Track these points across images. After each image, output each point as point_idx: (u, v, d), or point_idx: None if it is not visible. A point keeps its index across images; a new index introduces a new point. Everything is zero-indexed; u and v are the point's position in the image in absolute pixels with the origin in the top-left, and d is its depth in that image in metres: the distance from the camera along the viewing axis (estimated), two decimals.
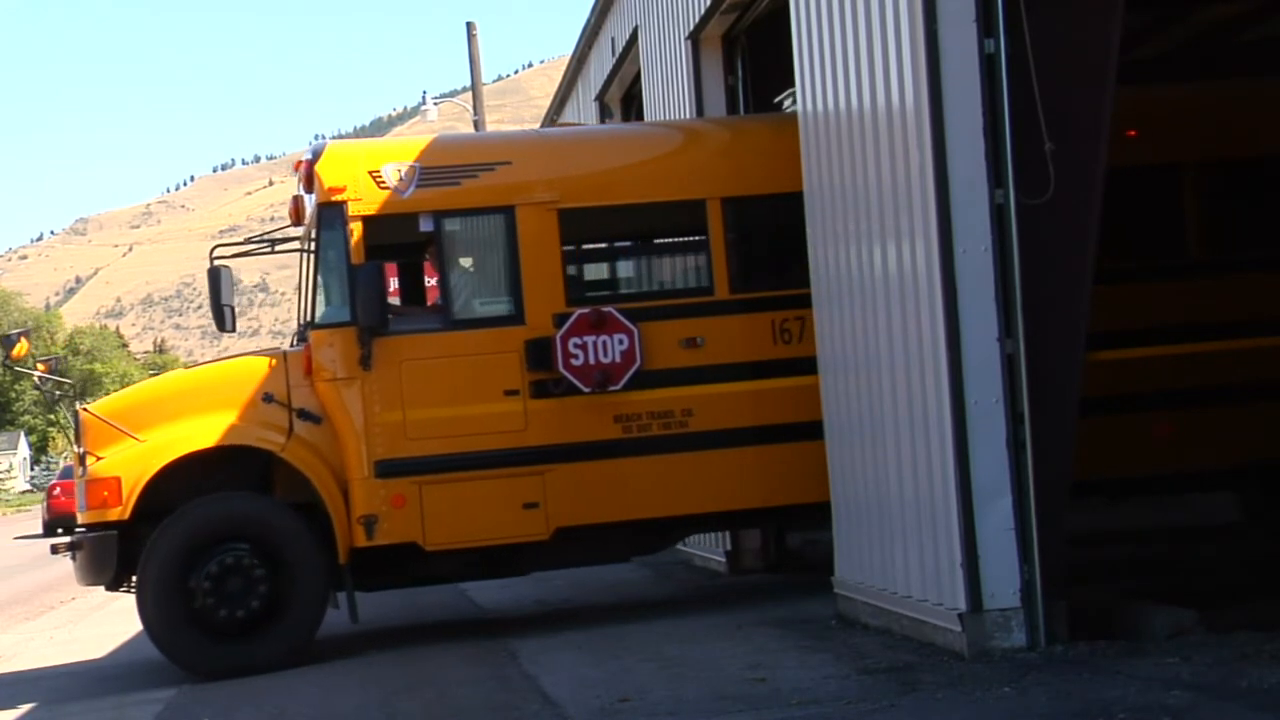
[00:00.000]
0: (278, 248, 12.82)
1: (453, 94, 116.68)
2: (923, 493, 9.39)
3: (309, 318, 11.84)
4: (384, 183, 11.54)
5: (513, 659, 10.58)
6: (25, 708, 11.00)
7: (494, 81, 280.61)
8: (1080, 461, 9.32)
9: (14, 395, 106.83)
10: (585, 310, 11.55)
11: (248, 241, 12.87)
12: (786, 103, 13.22)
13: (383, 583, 12.07)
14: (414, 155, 11.72)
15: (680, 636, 10.78)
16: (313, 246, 11.81)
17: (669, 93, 15.65)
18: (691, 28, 14.65)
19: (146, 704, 10.45)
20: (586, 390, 11.50)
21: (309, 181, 11.75)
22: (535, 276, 11.59)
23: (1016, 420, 8.95)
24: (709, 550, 14.93)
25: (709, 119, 14.41)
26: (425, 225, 11.64)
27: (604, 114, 20.72)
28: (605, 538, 11.87)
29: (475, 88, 36.42)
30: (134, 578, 11.31)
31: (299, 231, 12.61)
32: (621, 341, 11.53)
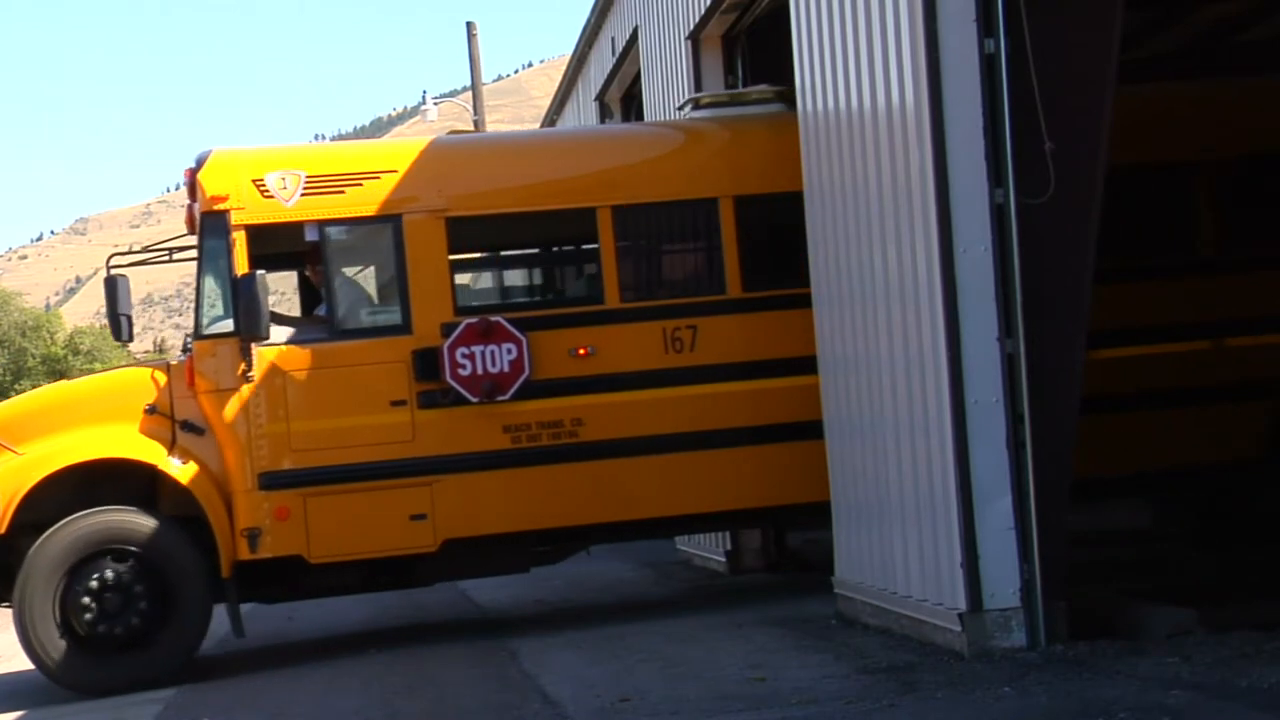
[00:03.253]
0: (175, 256, 12.56)
1: (453, 94, 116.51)
2: (923, 492, 9.40)
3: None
4: (268, 191, 11.43)
5: (513, 659, 10.57)
6: (26, 708, 11.00)
7: (494, 81, 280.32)
8: None
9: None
10: (473, 320, 11.44)
11: (145, 250, 12.72)
12: (687, 109, 13.14)
13: (270, 595, 11.95)
14: (299, 163, 11.62)
15: (680, 636, 10.78)
16: (196, 256, 11.64)
17: (669, 93, 15.64)
18: (691, 28, 14.65)
19: (146, 704, 10.45)
20: (474, 400, 11.39)
21: (192, 190, 11.60)
22: (422, 286, 11.49)
23: (1016, 420, 8.95)
24: (709, 550, 14.92)
25: (602, 126, 14.38)
26: (310, 234, 11.52)
27: (604, 114, 20.73)
28: (498, 549, 11.75)
29: (475, 88, 36.46)
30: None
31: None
32: (510, 351, 11.42)
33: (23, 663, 13.92)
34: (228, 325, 11.29)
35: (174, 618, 11.06)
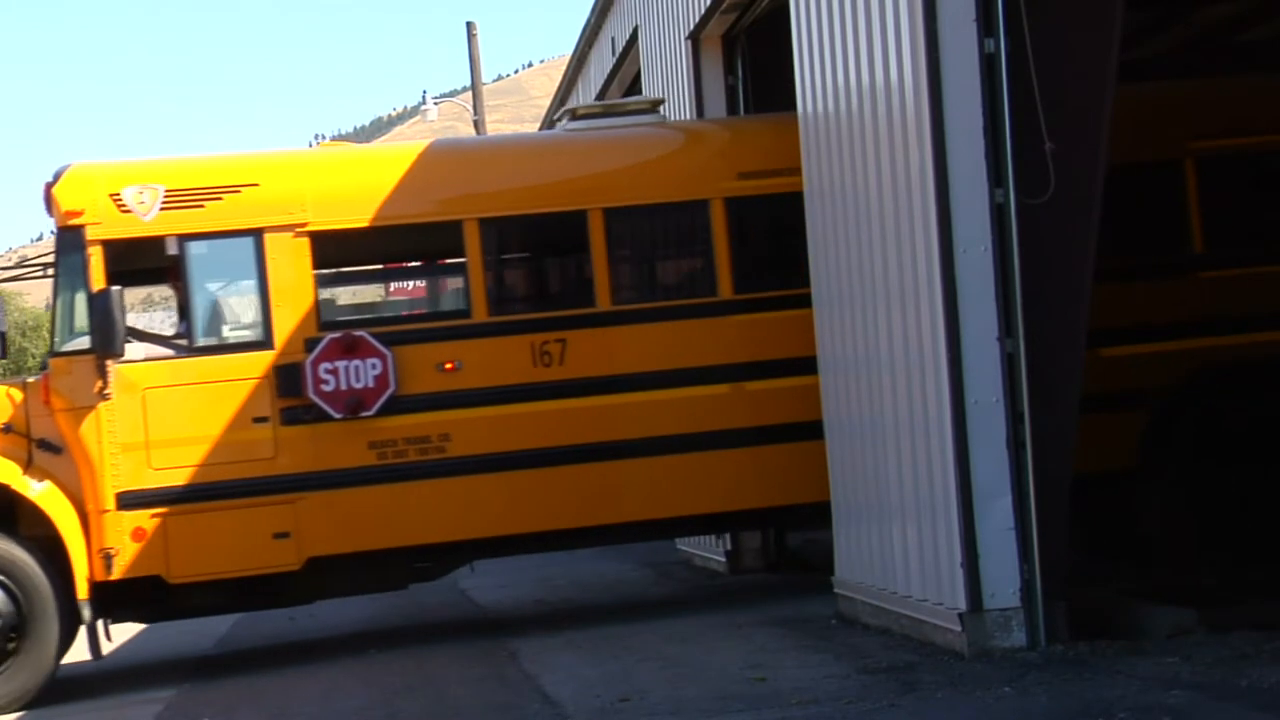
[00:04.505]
0: (49, 271, 12.21)
1: (453, 94, 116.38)
2: (923, 492, 9.40)
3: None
4: (125, 206, 11.31)
5: (513, 659, 10.58)
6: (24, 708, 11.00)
7: (494, 81, 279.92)
8: None
9: None
10: (337, 335, 11.36)
11: (19, 266, 12.64)
12: (563, 121, 13.08)
13: (135, 616, 11.81)
14: (158, 177, 11.50)
15: (680, 636, 10.78)
16: (53, 272, 11.50)
17: (669, 93, 15.64)
18: (691, 28, 14.65)
19: (146, 704, 10.45)
20: (338, 416, 11.31)
21: (49, 204, 11.43)
22: (284, 300, 11.39)
23: (1016, 420, 8.96)
24: (709, 550, 14.92)
25: (470, 139, 14.18)
26: (171, 249, 11.39)
27: None
28: (368, 566, 11.65)
29: (475, 88, 36.49)
30: None
31: None
32: (374, 366, 11.34)
33: None
34: (84, 342, 11.15)
35: (31, 639, 10.85)
